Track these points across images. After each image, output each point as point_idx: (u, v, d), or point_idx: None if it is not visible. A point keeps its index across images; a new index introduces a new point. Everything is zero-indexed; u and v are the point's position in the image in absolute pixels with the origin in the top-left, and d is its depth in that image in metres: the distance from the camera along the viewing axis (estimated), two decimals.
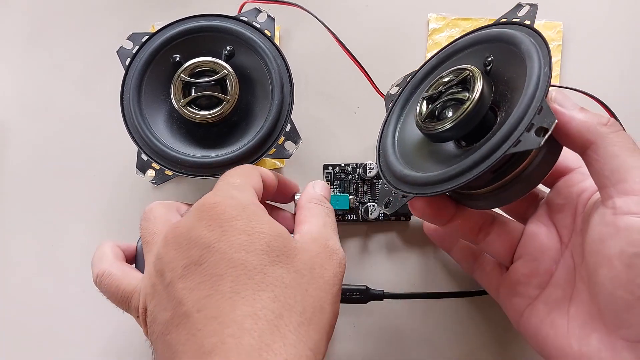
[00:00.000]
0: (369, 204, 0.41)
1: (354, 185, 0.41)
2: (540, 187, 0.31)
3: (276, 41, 0.40)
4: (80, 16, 0.47)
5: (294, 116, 0.37)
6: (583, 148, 0.26)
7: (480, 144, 0.28)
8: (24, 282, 0.41)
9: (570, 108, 0.27)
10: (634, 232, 0.24)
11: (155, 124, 0.37)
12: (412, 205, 0.31)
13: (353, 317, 0.40)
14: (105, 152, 0.44)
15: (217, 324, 0.23)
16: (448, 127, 0.28)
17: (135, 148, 0.37)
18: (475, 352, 0.39)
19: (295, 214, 0.33)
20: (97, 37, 0.46)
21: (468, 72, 0.29)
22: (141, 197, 0.43)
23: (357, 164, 0.41)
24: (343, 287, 0.37)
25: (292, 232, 0.30)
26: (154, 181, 0.42)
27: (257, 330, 0.23)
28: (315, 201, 0.32)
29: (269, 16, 0.39)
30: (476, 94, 0.28)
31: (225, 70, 0.37)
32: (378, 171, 0.33)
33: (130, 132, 0.37)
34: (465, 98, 0.28)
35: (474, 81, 0.28)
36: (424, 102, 0.31)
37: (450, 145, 0.31)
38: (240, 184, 0.29)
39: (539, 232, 0.30)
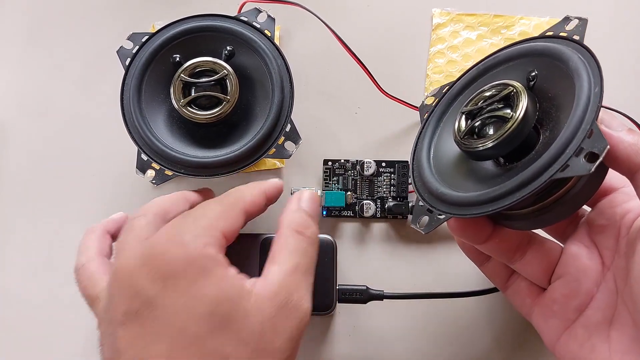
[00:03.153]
0: (364, 201, 0.41)
1: (353, 182, 0.42)
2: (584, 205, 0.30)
3: (276, 41, 0.40)
4: (80, 16, 0.47)
5: (294, 116, 0.37)
6: (631, 172, 0.25)
7: (522, 164, 0.27)
8: (23, 281, 0.41)
9: (618, 129, 0.26)
10: None
11: (155, 124, 0.37)
12: (449, 224, 0.29)
13: (353, 317, 0.40)
14: (105, 152, 0.44)
15: None
16: (489, 145, 0.27)
17: (135, 148, 0.37)
18: (475, 352, 0.39)
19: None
20: (97, 37, 0.46)
21: (512, 88, 0.28)
22: (141, 197, 0.43)
23: (356, 160, 0.42)
24: (343, 287, 0.38)
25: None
26: (154, 181, 0.42)
27: None
28: (295, 226, 0.29)
29: (269, 16, 0.39)
30: (520, 112, 0.26)
31: (225, 70, 0.37)
32: (412, 185, 0.32)
33: (130, 132, 0.37)
34: (508, 116, 0.27)
35: (518, 98, 0.27)
36: (463, 117, 0.30)
37: (489, 163, 0.30)
38: (204, 226, 0.27)
39: (580, 253, 0.29)
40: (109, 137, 0.44)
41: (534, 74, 0.28)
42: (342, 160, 0.42)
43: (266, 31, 0.38)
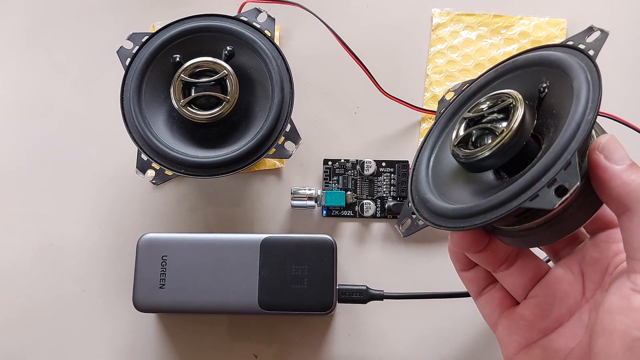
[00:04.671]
0: (364, 201, 0.41)
1: (353, 182, 0.42)
2: (584, 231, 0.29)
3: (276, 41, 0.40)
4: (80, 16, 0.47)
5: (294, 116, 0.37)
6: (619, 212, 0.24)
7: (510, 181, 0.26)
8: (23, 282, 0.41)
9: (618, 163, 0.23)
10: None
11: (155, 124, 0.37)
12: (452, 234, 0.29)
13: (353, 317, 0.40)
14: (105, 152, 0.44)
15: None
16: (480, 157, 0.26)
17: (135, 148, 0.37)
18: (475, 352, 0.39)
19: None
20: (97, 37, 0.46)
21: (511, 100, 0.26)
22: (141, 197, 0.43)
23: (356, 160, 0.42)
24: (343, 287, 0.38)
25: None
26: (154, 181, 0.42)
27: None
28: None
29: (269, 16, 0.39)
30: (511, 128, 0.25)
31: (225, 70, 0.37)
32: (408, 184, 0.31)
33: (130, 132, 0.37)
34: (498, 131, 0.26)
35: (514, 112, 0.26)
36: (464, 123, 0.28)
37: (488, 174, 0.29)
38: None
39: (565, 278, 0.28)
40: (109, 137, 0.44)
41: (545, 85, 0.27)
42: (342, 160, 0.42)
43: (266, 31, 0.38)
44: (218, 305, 0.37)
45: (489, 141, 0.27)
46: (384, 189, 0.41)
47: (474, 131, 0.28)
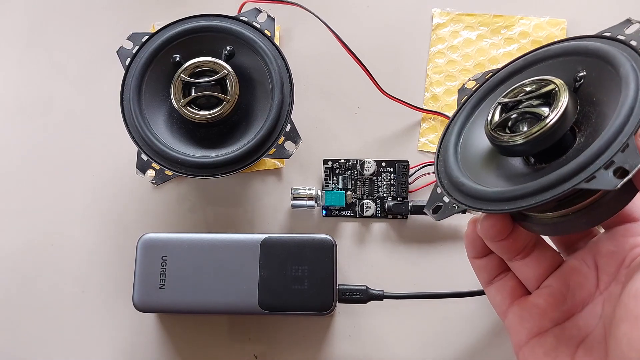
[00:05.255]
0: (364, 201, 0.41)
1: (353, 182, 0.42)
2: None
3: (276, 41, 0.40)
4: (80, 16, 0.47)
5: (294, 116, 0.37)
6: None
7: (550, 168, 0.26)
8: (23, 282, 0.41)
9: None
10: None
11: (155, 124, 0.37)
12: (482, 221, 0.29)
13: (353, 317, 0.40)
14: (105, 152, 0.44)
15: None
16: (519, 142, 0.26)
17: (135, 148, 0.37)
18: (475, 352, 0.39)
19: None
20: (97, 37, 0.46)
21: (554, 85, 0.26)
22: (141, 197, 0.43)
23: (356, 160, 0.42)
24: (343, 287, 0.38)
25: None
26: (154, 181, 0.42)
27: None
28: None
29: (269, 16, 0.39)
30: (557, 113, 0.25)
31: (225, 70, 0.37)
32: (434, 169, 0.30)
33: (130, 132, 0.37)
34: (544, 115, 0.26)
35: (558, 98, 0.25)
36: (499, 108, 0.28)
37: (518, 161, 0.28)
38: None
39: (580, 270, 0.29)
40: (109, 137, 0.44)
41: (582, 74, 0.27)
42: (342, 160, 0.42)
43: (266, 31, 0.38)
44: (218, 306, 0.37)
45: (525, 128, 0.27)
46: (384, 189, 0.41)
47: (513, 115, 0.27)
